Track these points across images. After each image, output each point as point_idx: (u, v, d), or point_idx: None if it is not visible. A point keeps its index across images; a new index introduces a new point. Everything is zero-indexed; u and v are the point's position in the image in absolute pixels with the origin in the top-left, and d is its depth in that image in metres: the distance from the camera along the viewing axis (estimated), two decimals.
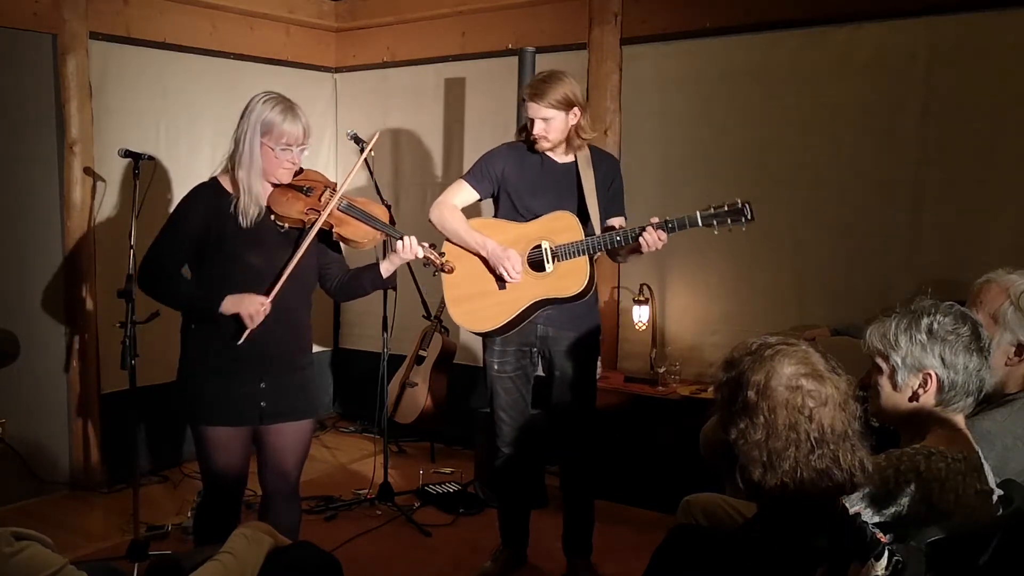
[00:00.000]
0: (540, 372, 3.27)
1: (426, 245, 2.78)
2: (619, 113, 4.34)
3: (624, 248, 3.04)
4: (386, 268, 2.80)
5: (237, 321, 2.58)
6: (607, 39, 4.32)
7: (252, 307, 2.57)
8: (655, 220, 2.94)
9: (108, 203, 4.27)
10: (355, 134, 4.06)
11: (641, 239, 2.93)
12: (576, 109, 3.05)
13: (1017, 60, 3.42)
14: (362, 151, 4.00)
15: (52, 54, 4.05)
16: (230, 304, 2.58)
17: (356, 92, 5.35)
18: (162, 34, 4.44)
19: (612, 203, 3.19)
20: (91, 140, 4.18)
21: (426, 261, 2.81)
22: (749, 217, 2.92)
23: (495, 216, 3.23)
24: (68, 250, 4.17)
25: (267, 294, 2.59)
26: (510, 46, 4.56)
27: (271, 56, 4.98)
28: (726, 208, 2.93)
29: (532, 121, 3.05)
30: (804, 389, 1.58)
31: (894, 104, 3.67)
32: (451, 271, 2.91)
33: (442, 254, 2.85)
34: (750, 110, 4.00)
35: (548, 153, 3.13)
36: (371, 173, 4.06)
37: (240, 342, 2.58)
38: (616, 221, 3.20)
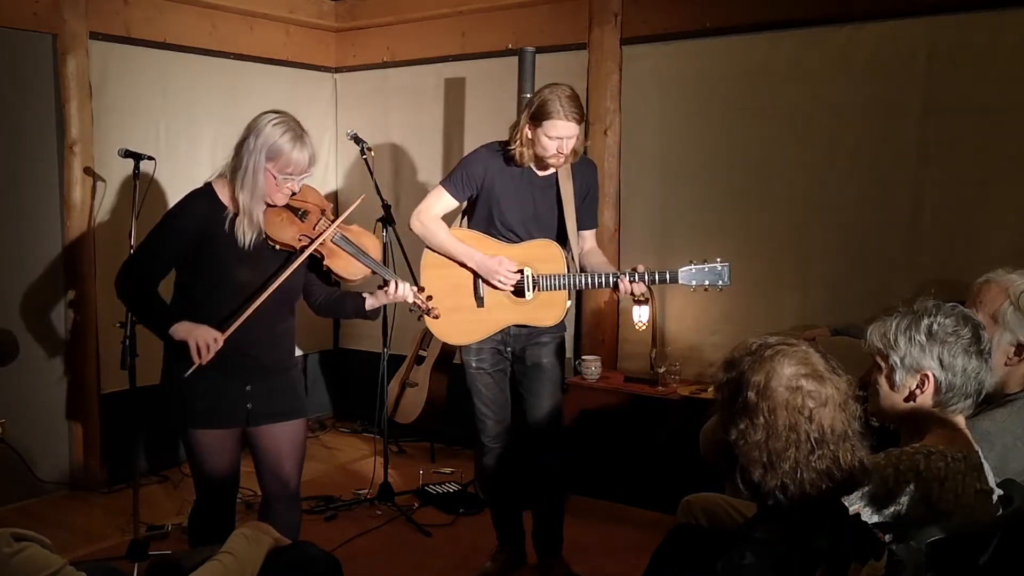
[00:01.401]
0: (511, 366, 3.28)
1: (415, 290, 2.74)
2: (619, 113, 4.34)
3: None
4: (371, 303, 2.76)
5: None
6: (607, 39, 4.32)
7: (203, 338, 2.49)
8: (640, 269, 2.95)
9: (108, 203, 4.27)
10: (355, 134, 4.06)
11: (621, 284, 2.96)
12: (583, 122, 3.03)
13: (1017, 60, 3.42)
14: (362, 151, 4.02)
15: (52, 54, 4.05)
16: (182, 331, 2.51)
17: (356, 92, 5.35)
18: (162, 34, 4.44)
19: (585, 213, 3.17)
20: (91, 140, 4.18)
21: (412, 306, 2.77)
22: (726, 280, 2.99)
23: (465, 219, 3.22)
24: (68, 250, 4.17)
25: (225, 328, 2.53)
26: (510, 46, 4.56)
27: (271, 56, 4.98)
28: (706, 267, 2.98)
29: (561, 141, 2.95)
30: (804, 390, 1.58)
31: (894, 104, 3.67)
32: (437, 317, 2.86)
33: (429, 298, 2.80)
34: (750, 110, 4.00)
35: (529, 164, 3.09)
36: (371, 173, 4.06)
37: (186, 375, 2.51)
38: (587, 234, 3.21)
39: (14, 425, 3.98)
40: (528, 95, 3.91)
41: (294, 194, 2.64)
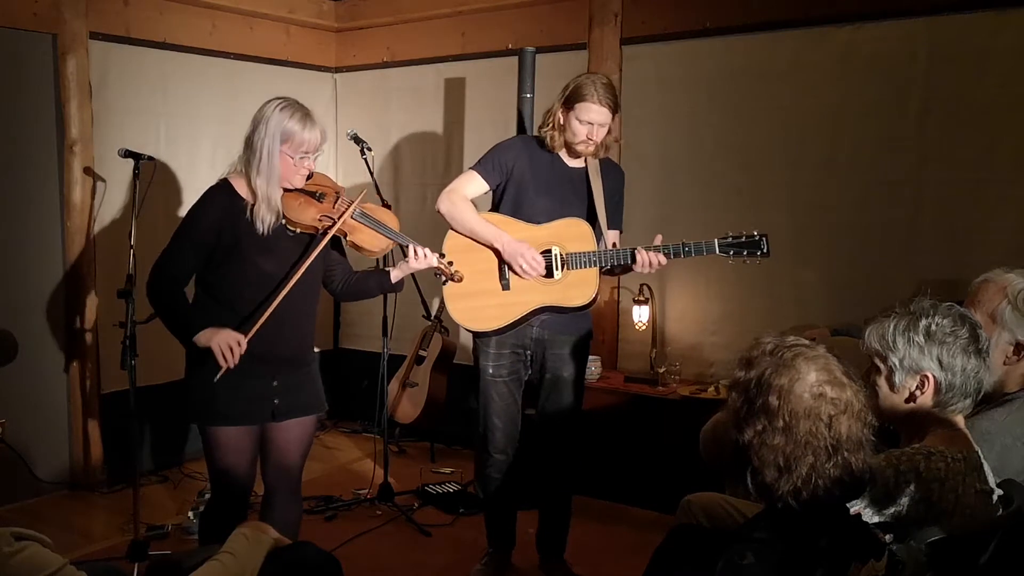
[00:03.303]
0: (529, 374, 3.26)
1: (436, 255, 2.80)
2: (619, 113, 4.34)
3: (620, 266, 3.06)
4: (396, 275, 2.82)
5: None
6: (607, 39, 4.32)
7: (225, 343, 2.52)
8: (658, 240, 2.94)
9: (108, 203, 4.27)
10: (355, 134, 4.06)
11: (638, 256, 2.94)
12: (616, 115, 3.03)
13: (1017, 60, 3.42)
14: (362, 151, 4.02)
15: (52, 54, 4.04)
16: (204, 337, 2.54)
17: (356, 92, 5.35)
18: (162, 34, 4.45)
19: (612, 216, 3.16)
20: (91, 140, 4.17)
21: (436, 271, 2.84)
22: (765, 251, 2.95)
23: (492, 208, 3.20)
24: (68, 250, 4.17)
25: (247, 329, 2.55)
26: (510, 46, 4.56)
27: (271, 56, 4.98)
28: (744, 239, 2.95)
29: (591, 127, 2.97)
30: (827, 397, 1.58)
31: (894, 104, 3.67)
32: (460, 280, 2.89)
33: (451, 263, 2.85)
34: (750, 110, 4.00)
35: (559, 154, 3.10)
36: (371, 173, 4.06)
37: (216, 379, 2.54)
38: (611, 234, 3.18)
39: (14, 425, 3.97)
40: (528, 95, 3.91)
41: (310, 177, 2.69)
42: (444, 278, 2.88)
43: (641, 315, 4.23)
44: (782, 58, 3.91)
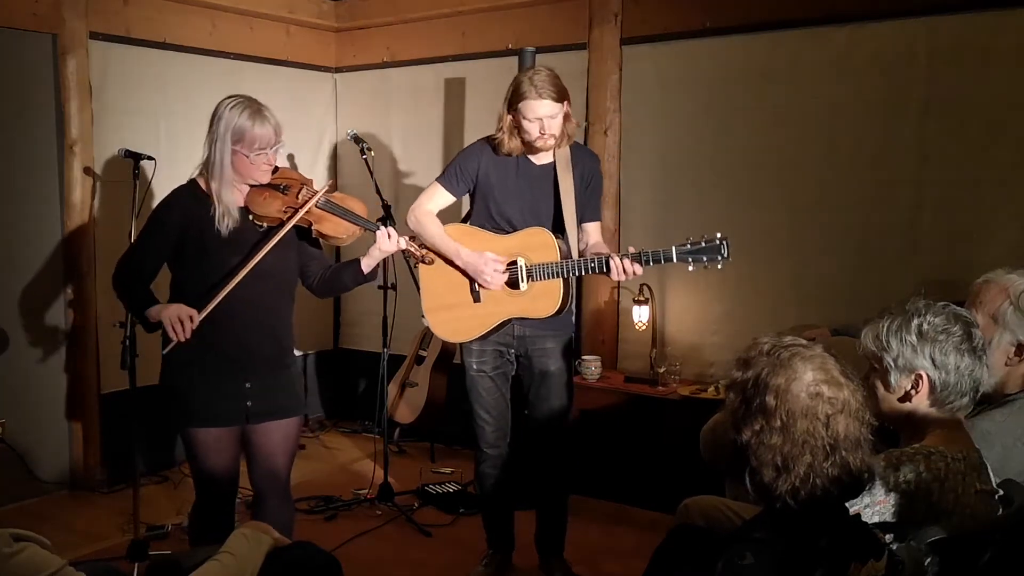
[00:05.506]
0: (516, 372, 3.26)
1: (406, 238, 2.77)
2: (619, 113, 4.34)
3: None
4: (367, 264, 2.77)
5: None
6: (607, 39, 4.32)
7: (175, 315, 2.50)
8: (632, 250, 2.88)
9: (108, 203, 4.27)
10: (355, 134, 4.06)
11: (612, 265, 2.86)
12: (567, 101, 2.99)
13: (1017, 60, 3.42)
14: (362, 151, 4.02)
15: (52, 54, 4.05)
16: (155, 311, 2.56)
17: (356, 92, 5.35)
18: (162, 34, 4.45)
19: (587, 205, 3.12)
20: (91, 140, 4.18)
21: (407, 254, 2.81)
22: (725, 255, 2.82)
23: (468, 215, 3.21)
24: (68, 250, 4.17)
25: (204, 307, 2.54)
26: (510, 46, 4.56)
27: (271, 56, 4.98)
28: (703, 244, 2.83)
29: (541, 122, 2.92)
30: (824, 396, 1.58)
31: (894, 104, 3.67)
32: (431, 263, 2.90)
33: (421, 245, 2.83)
34: (750, 110, 4.00)
35: (525, 154, 3.07)
36: (371, 173, 4.06)
37: (164, 351, 2.56)
38: (590, 227, 3.15)
39: (14, 425, 3.98)
40: None
41: (275, 171, 2.68)
42: (415, 261, 2.86)
43: (641, 315, 4.23)
44: (782, 58, 3.91)
